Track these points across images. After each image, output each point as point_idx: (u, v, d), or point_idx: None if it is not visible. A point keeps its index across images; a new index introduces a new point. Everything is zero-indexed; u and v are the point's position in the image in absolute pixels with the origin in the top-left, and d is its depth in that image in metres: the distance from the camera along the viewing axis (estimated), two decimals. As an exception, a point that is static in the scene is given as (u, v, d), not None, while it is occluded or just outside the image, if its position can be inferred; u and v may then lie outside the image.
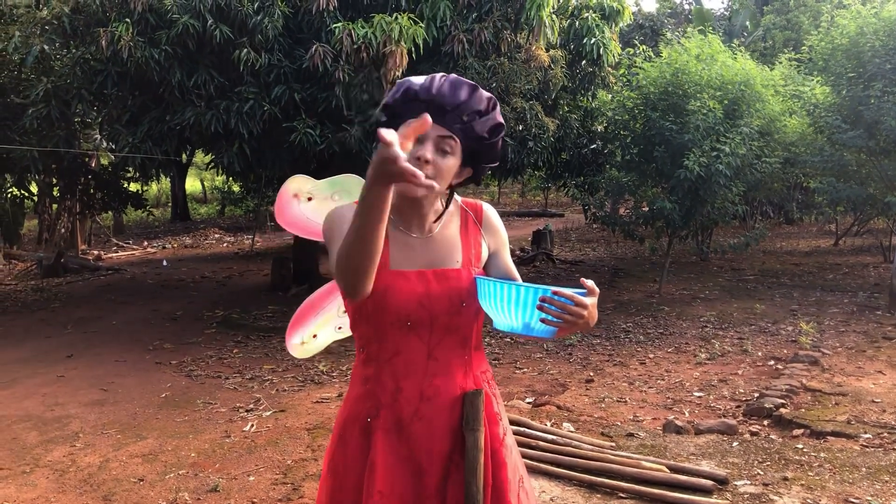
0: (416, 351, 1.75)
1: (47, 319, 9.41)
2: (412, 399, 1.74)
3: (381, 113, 1.75)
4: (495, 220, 1.89)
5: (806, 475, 3.94)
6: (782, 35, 19.71)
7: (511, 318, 1.65)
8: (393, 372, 1.75)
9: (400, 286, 1.72)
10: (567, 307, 1.56)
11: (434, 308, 1.73)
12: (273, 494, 3.96)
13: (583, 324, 1.58)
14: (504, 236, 1.91)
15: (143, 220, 23.20)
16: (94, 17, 7.92)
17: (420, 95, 1.66)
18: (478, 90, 1.70)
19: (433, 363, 1.75)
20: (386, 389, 1.75)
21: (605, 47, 9.60)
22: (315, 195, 2.33)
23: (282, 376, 6.52)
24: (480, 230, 1.86)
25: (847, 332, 7.57)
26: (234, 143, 8.20)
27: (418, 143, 1.63)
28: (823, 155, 10.74)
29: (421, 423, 1.74)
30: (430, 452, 1.74)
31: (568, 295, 1.58)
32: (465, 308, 1.75)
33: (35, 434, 5.11)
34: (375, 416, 1.75)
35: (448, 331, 1.76)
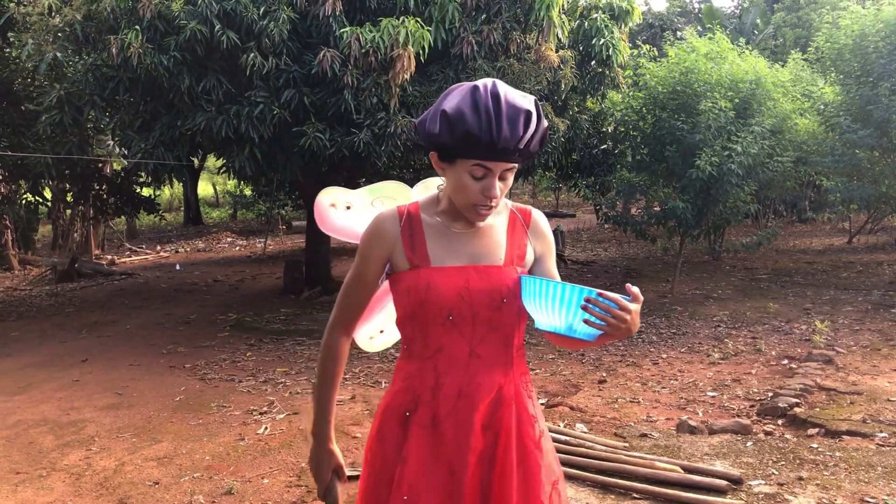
0: (459, 347, 1.76)
1: (62, 324, 9.48)
2: (450, 395, 1.75)
3: (430, 144, 1.73)
4: (543, 225, 1.91)
5: (821, 475, 3.92)
6: (793, 33, 19.63)
7: (555, 317, 1.65)
8: (434, 368, 1.77)
9: (441, 281, 1.75)
10: (611, 310, 1.57)
11: (474, 302, 1.75)
12: (287, 497, 3.98)
13: (624, 329, 1.59)
14: (551, 243, 1.92)
15: (156, 224, 23.32)
16: (105, 25, 7.98)
17: (482, 140, 1.63)
18: (531, 113, 1.66)
19: (475, 360, 1.76)
20: (426, 385, 1.77)
21: (614, 48, 9.60)
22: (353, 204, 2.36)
23: (295, 379, 6.55)
24: (527, 233, 1.87)
25: (862, 331, 7.52)
26: (244, 148, 8.24)
27: (485, 180, 1.68)
28: (835, 154, 10.69)
29: (455, 421, 1.74)
30: (463, 450, 1.74)
31: (613, 298, 1.58)
32: (507, 305, 1.75)
33: (51, 438, 5.15)
34: (413, 410, 1.78)
35: (490, 328, 1.76)
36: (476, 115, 1.62)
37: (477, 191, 1.68)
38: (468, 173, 1.68)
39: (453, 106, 1.65)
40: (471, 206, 1.72)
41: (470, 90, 1.66)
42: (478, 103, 1.63)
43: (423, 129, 1.73)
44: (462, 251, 1.79)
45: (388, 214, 1.84)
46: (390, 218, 1.82)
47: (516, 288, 1.75)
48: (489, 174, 1.68)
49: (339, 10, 7.81)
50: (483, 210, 1.71)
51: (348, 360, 6.57)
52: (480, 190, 1.68)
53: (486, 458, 1.75)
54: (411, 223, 1.81)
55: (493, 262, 1.79)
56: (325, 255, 11.54)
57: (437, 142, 1.70)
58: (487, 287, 1.75)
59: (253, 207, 20.70)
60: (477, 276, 1.76)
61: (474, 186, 1.68)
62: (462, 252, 1.79)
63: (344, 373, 6.77)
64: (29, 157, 9.69)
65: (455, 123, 1.64)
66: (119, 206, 13.60)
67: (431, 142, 1.72)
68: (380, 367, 6.85)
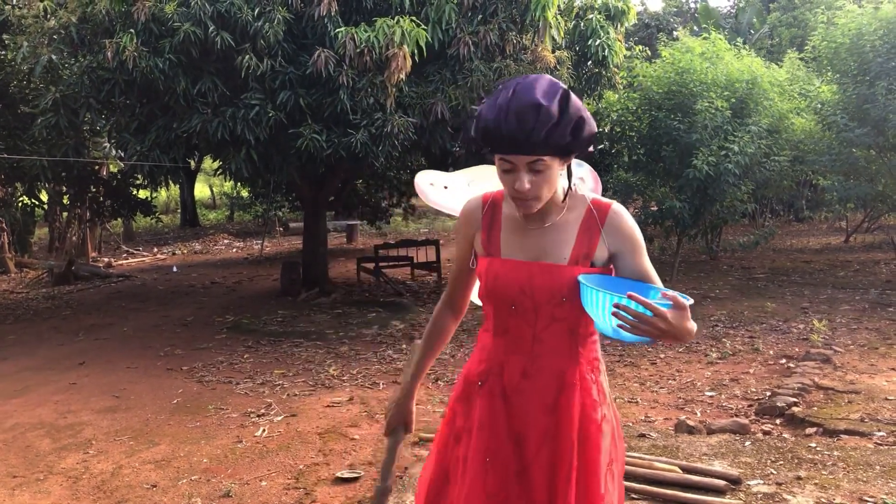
0: (523, 332, 1.87)
1: (59, 327, 9.46)
2: (515, 374, 1.88)
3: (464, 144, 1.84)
4: (623, 221, 1.87)
5: (819, 474, 3.91)
6: (789, 32, 19.66)
7: (600, 321, 1.69)
8: (504, 345, 1.90)
9: (505, 274, 1.86)
10: (642, 316, 1.57)
11: (536, 297, 1.83)
12: (285, 499, 3.97)
13: (666, 333, 1.59)
14: (634, 238, 1.88)
15: (153, 227, 23.30)
16: (100, 27, 7.97)
17: (495, 134, 1.69)
18: (542, 107, 1.66)
19: (538, 345, 1.87)
20: (497, 360, 1.91)
21: (610, 48, 9.59)
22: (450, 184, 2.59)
23: (293, 381, 6.54)
24: (601, 230, 1.86)
25: (859, 330, 7.53)
26: (241, 150, 8.22)
27: (513, 172, 1.74)
28: (832, 153, 10.70)
29: (521, 397, 1.87)
30: (528, 425, 1.85)
31: (645, 303, 1.56)
32: (568, 302, 1.82)
33: (48, 441, 5.13)
34: (485, 381, 1.92)
35: (553, 319, 1.85)
36: (491, 111, 1.70)
37: (510, 184, 1.75)
38: (500, 168, 1.76)
39: (483, 104, 1.74)
40: (513, 200, 1.80)
41: (501, 88, 1.73)
42: (497, 99, 1.70)
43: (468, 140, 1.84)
44: (531, 246, 1.87)
45: (474, 201, 1.97)
46: (475, 204, 1.96)
47: (577, 288, 1.79)
48: (514, 168, 1.73)
49: (334, 11, 7.80)
50: (520, 203, 1.78)
51: (346, 363, 6.52)
52: (512, 183, 1.75)
53: (550, 436, 1.84)
54: (493, 212, 1.94)
55: (557, 261, 1.84)
56: (322, 257, 11.53)
57: (474, 142, 1.79)
58: (549, 285, 1.82)
59: (250, 209, 20.70)
60: (540, 274, 1.83)
61: (507, 179, 1.76)
62: (530, 247, 1.87)
63: (342, 375, 6.75)
64: (25, 160, 9.67)
65: (478, 120, 1.74)
66: (115, 209, 13.57)
67: (472, 144, 1.82)
68: (378, 368, 6.84)
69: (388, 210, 18.38)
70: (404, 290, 11.35)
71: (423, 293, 11.22)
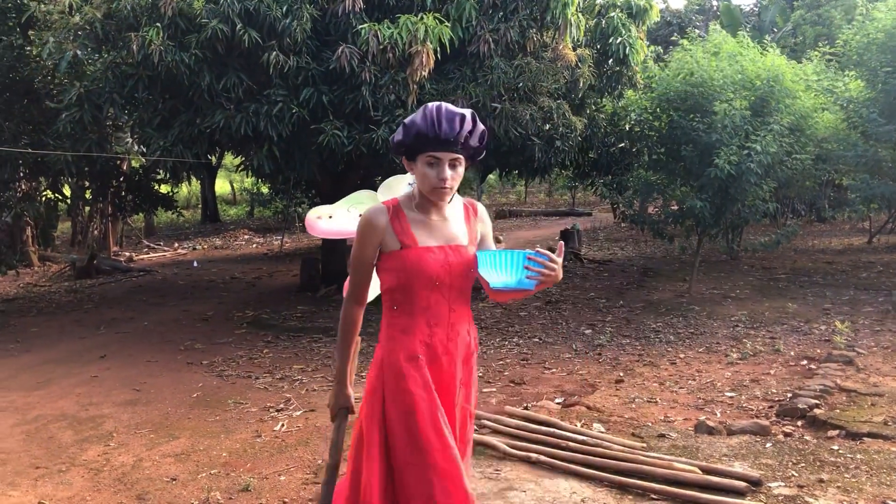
0: (441, 305, 2.40)
1: (81, 320, 9.56)
2: (442, 339, 2.40)
3: (398, 146, 2.36)
4: (484, 214, 2.58)
5: (842, 477, 3.87)
6: (813, 30, 19.45)
7: (506, 276, 2.26)
8: (427, 320, 2.39)
9: (429, 257, 2.36)
10: (545, 263, 2.19)
11: (453, 273, 2.39)
12: (304, 494, 3.98)
13: (553, 277, 2.22)
14: (490, 226, 2.59)
15: (174, 221, 23.48)
16: (125, 23, 8.02)
17: (429, 135, 2.28)
18: (465, 116, 2.31)
19: (453, 314, 2.42)
20: (423, 332, 2.39)
21: (631, 47, 9.54)
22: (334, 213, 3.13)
23: (311, 376, 6.56)
24: (476, 221, 2.53)
25: (882, 332, 7.43)
26: (263, 146, 8.26)
27: (437, 167, 2.30)
28: (857, 150, 10.57)
29: (447, 357, 2.41)
30: (452, 377, 2.42)
31: (546, 254, 2.21)
32: (472, 274, 2.42)
33: (70, 433, 5.19)
34: (423, 352, 2.38)
35: (461, 291, 2.44)
36: (423, 119, 2.30)
37: (434, 176, 2.31)
38: (425, 163, 2.31)
39: (409, 119, 2.34)
40: (432, 189, 2.32)
41: (422, 108, 2.33)
42: (425, 112, 2.31)
43: (392, 143, 2.38)
44: (439, 235, 2.41)
45: (377, 209, 2.43)
46: (380, 211, 2.42)
47: (475, 261, 2.37)
48: (439, 162, 2.30)
49: (359, 7, 7.81)
50: (441, 191, 2.32)
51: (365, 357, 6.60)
52: (436, 175, 2.31)
53: (465, 382, 2.49)
54: (398, 214, 2.41)
55: (461, 243, 2.43)
56: (341, 253, 11.56)
57: (402, 146, 2.35)
58: (462, 262, 2.40)
59: (270, 205, 20.76)
60: (453, 253, 2.40)
61: (431, 173, 2.31)
62: (439, 236, 2.41)
63: (360, 372, 6.78)
64: (49, 155, 9.77)
65: (409, 128, 2.32)
66: (137, 204, 13.68)
67: (399, 149, 2.37)
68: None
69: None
70: (423, 287, 11.35)
71: (441, 290, 11.21)
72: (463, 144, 2.31)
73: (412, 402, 2.34)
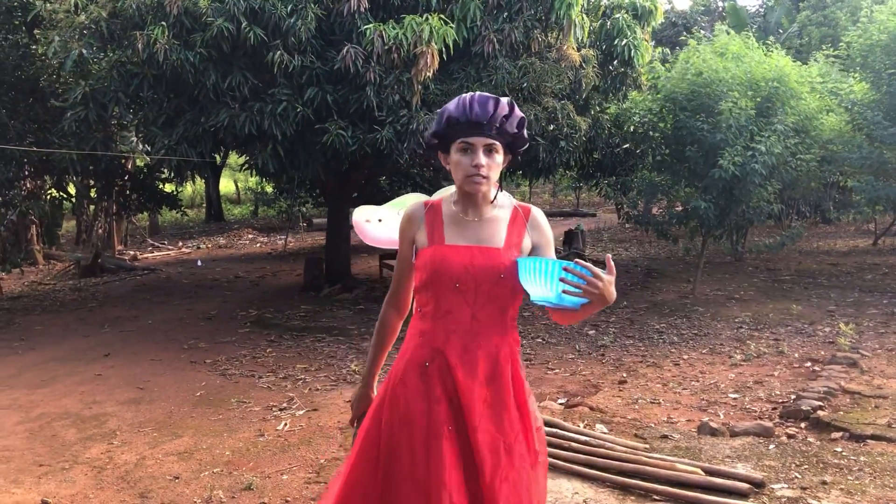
0: (463, 311, 2.17)
1: (85, 319, 9.58)
2: (457, 349, 2.16)
3: (432, 138, 2.25)
4: (541, 220, 2.29)
5: (845, 479, 3.87)
6: (818, 32, 19.38)
7: (545, 289, 1.97)
8: (445, 326, 2.18)
9: (451, 256, 2.19)
10: (584, 276, 1.90)
11: (478, 276, 2.16)
12: (306, 493, 3.99)
13: (598, 296, 1.91)
14: (548, 236, 2.30)
15: (178, 220, 23.50)
16: (130, 21, 8.04)
17: (460, 120, 2.14)
18: (500, 100, 2.15)
19: (476, 323, 2.17)
20: (438, 339, 2.18)
21: (635, 48, 9.52)
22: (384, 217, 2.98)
23: (315, 375, 6.57)
24: (526, 226, 2.26)
25: (887, 334, 7.42)
26: (267, 145, 8.27)
27: (471, 152, 2.15)
28: (862, 152, 10.55)
29: (462, 370, 2.15)
30: (472, 396, 2.13)
31: (586, 266, 1.90)
32: (504, 280, 2.14)
33: (74, 431, 5.20)
34: (432, 361, 2.18)
35: (490, 298, 2.16)
36: (456, 105, 2.17)
37: (467, 163, 2.15)
38: (458, 151, 2.16)
39: (443, 108, 2.21)
40: (466, 179, 2.16)
41: (459, 96, 2.20)
42: (457, 100, 2.18)
43: (427, 139, 2.28)
44: (470, 235, 2.22)
45: (416, 204, 2.35)
46: (417, 208, 2.33)
47: (513, 268, 2.13)
48: (472, 148, 2.15)
49: (364, 7, 7.81)
50: (475, 179, 2.14)
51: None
52: (469, 162, 2.14)
53: (489, 404, 2.15)
54: (434, 212, 2.29)
55: (493, 245, 2.20)
56: (345, 253, 11.57)
57: (435, 137, 2.23)
58: (488, 264, 2.16)
59: (274, 204, 20.78)
60: (480, 255, 2.18)
61: (464, 160, 2.15)
62: (470, 235, 2.22)
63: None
64: (54, 153, 9.79)
65: (442, 115, 2.19)
66: (142, 202, 13.69)
67: (433, 142, 2.25)
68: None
69: (411, 207, 18.36)
70: (426, 287, 11.35)
71: (445, 290, 11.21)
72: (498, 130, 2.15)
73: (405, 413, 2.17)
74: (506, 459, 2.13)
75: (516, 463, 2.14)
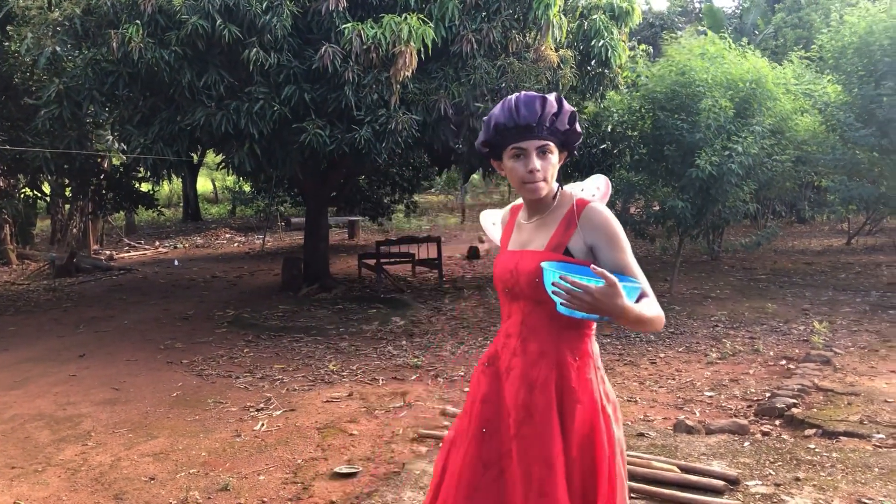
0: (515, 315, 2.19)
1: (59, 319, 9.47)
2: (509, 353, 2.17)
3: (482, 146, 2.17)
4: (596, 218, 2.11)
5: (818, 475, 3.91)
6: (793, 33, 19.60)
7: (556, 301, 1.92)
8: (505, 330, 2.22)
9: (503, 262, 2.22)
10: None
11: (519, 280, 2.13)
12: (283, 494, 3.97)
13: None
14: (608, 232, 2.10)
15: (155, 220, 23.32)
16: (105, 19, 7.95)
17: (508, 125, 2.07)
18: (546, 98, 2.08)
19: (525, 328, 2.15)
20: (499, 342, 2.23)
21: (613, 49, 9.56)
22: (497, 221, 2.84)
23: (292, 376, 6.54)
24: (577, 225, 2.11)
25: (860, 332, 7.52)
26: (244, 144, 8.21)
27: (525, 157, 2.08)
28: (835, 153, 10.68)
29: (511, 375, 2.15)
30: (512, 398, 2.12)
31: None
32: (540, 285, 2.02)
33: (47, 433, 5.14)
34: (491, 362, 2.23)
35: (537, 303, 2.11)
36: (501, 110, 2.09)
37: (522, 169, 2.09)
38: (511, 158, 2.10)
39: (489, 115, 2.13)
40: (521, 185, 2.11)
41: (503, 100, 2.12)
42: (503, 104, 2.10)
43: (478, 148, 2.20)
44: (522, 239, 2.22)
45: (504, 210, 2.44)
46: (505, 211, 2.42)
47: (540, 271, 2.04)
48: (524, 153, 2.08)
49: (342, 6, 7.79)
50: (530, 185, 2.09)
51: (346, 358, 6.53)
52: (524, 168, 2.08)
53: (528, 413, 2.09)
54: (512, 215, 2.34)
55: (535, 248, 2.15)
56: (323, 253, 11.53)
57: (486, 146, 2.16)
58: (527, 269, 2.11)
59: (252, 204, 20.66)
60: (522, 260, 2.15)
61: (518, 167, 2.09)
62: (522, 239, 2.22)
63: (342, 371, 6.76)
64: (28, 152, 9.67)
65: (489, 122, 2.12)
66: (118, 202, 13.57)
67: (484, 150, 2.18)
68: (378, 364, 6.84)
69: (389, 206, 18.38)
70: (405, 287, 11.35)
71: (424, 290, 11.22)
72: (549, 129, 2.07)
73: (467, 405, 2.28)
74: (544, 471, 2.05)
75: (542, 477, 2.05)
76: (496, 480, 2.12)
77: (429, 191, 28.87)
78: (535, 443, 2.06)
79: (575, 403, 2.08)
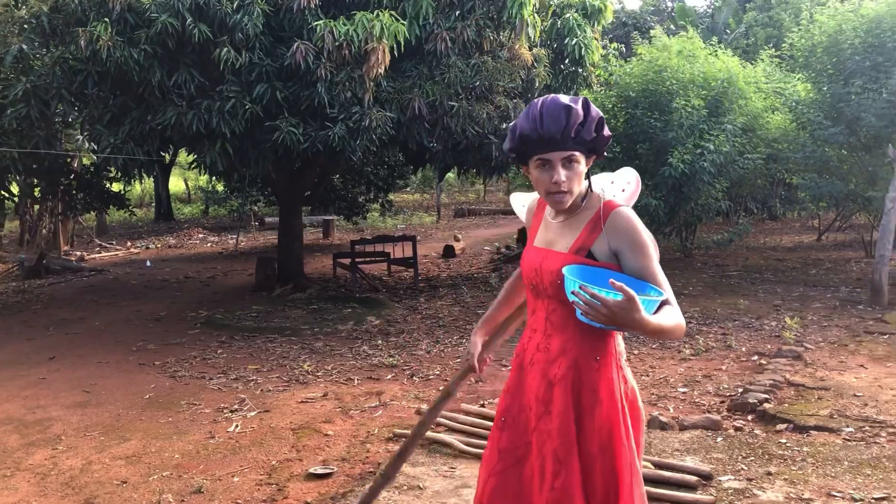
0: (540, 311, 2.21)
1: (29, 321, 9.33)
2: (532, 348, 2.21)
3: (507, 153, 2.15)
4: (622, 223, 2.08)
5: (789, 469, 3.96)
6: (764, 32, 19.83)
7: None
8: (531, 325, 2.26)
9: (529, 258, 2.23)
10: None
11: (544, 280, 2.15)
12: (258, 495, 3.94)
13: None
14: (632, 237, 2.07)
15: (127, 220, 23.04)
16: (73, 17, 7.85)
17: (532, 136, 2.03)
18: (571, 108, 2.01)
19: (548, 325, 2.18)
20: (526, 335, 2.27)
21: (586, 47, 9.61)
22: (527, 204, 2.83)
23: (266, 376, 6.49)
24: (603, 228, 2.09)
25: (829, 327, 7.62)
26: (216, 143, 8.15)
27: (549, 168, 2.05)
28: (805, 151, 10.81)
29: (533, 369, 2.19)
30: (533, 393, 2.18)
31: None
32: (562, 285, 2.02)
33: (16, 437, 5.06)
34: (519, 354, 2.28)
35: (560, 302, 2.10)
36: (526, 118, 2.04)
37: (546, 179, 2.06)
38: (536, 168, 2.08)
39: (515, 122, 2.09)
40: (546, 195, 2.10)
41: (529, 105, 2.06)
42: (528, 110, 2.05)
43: (504, 152, 2.18)
44: (548, 237, 2.21)
45: (534, 201, 2.37)
46: (533, 202, 2.38)
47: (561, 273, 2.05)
48: (549, 164, 2.04)
49: (314, 4, 7.75)
50: (556, 196, 2.07)
51: (321, 359, 6.51)
52: (549, 179, 2.05)
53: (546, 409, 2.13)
54: (540, 208, 2.30)
55: (559, 249, 2.15)
56: (297, 252, 11.47)
57: (512, 153, 2.12)
58: (551, 268, 2.11)
59: (225, 203, 20.52)
60: (546, 258, 2.15)
61: (543, 177, 2.06)
62: (548, 238, 2.21)
63: (316, 371, 6.71)
64: (-6, 152, 9.51)
65: (514, 131, 2.08)
66: (88, 202, 13.39)
67: (511, 156, 2.14)
68: (353, 364, 6.82)
69: (364, 205, 18.33)
70: (380, 286, 11.33)
71: (399, 289, 11.20)
72: (575, 139, 2.03)
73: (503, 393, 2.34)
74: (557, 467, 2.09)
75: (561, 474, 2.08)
76: (513, 469, 2.21)
77: (404, 189, 28.84)
78: (551, 438, 2.10)
79: (595, 402, 2.09)
